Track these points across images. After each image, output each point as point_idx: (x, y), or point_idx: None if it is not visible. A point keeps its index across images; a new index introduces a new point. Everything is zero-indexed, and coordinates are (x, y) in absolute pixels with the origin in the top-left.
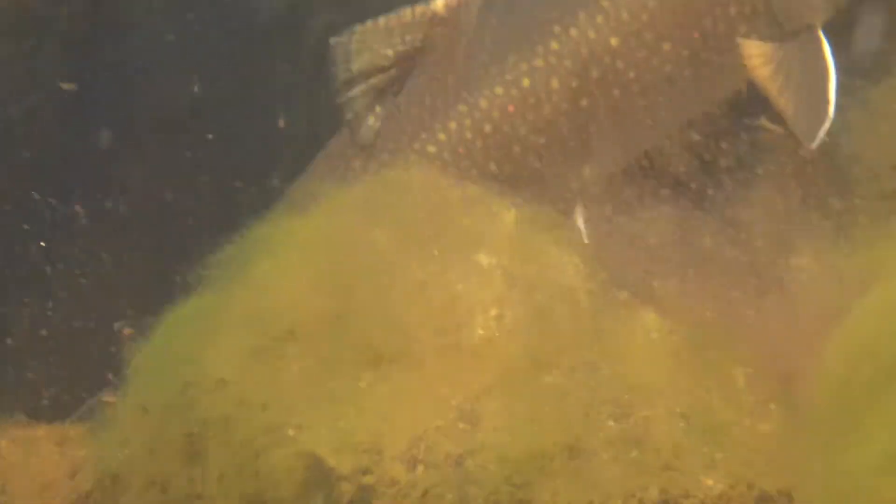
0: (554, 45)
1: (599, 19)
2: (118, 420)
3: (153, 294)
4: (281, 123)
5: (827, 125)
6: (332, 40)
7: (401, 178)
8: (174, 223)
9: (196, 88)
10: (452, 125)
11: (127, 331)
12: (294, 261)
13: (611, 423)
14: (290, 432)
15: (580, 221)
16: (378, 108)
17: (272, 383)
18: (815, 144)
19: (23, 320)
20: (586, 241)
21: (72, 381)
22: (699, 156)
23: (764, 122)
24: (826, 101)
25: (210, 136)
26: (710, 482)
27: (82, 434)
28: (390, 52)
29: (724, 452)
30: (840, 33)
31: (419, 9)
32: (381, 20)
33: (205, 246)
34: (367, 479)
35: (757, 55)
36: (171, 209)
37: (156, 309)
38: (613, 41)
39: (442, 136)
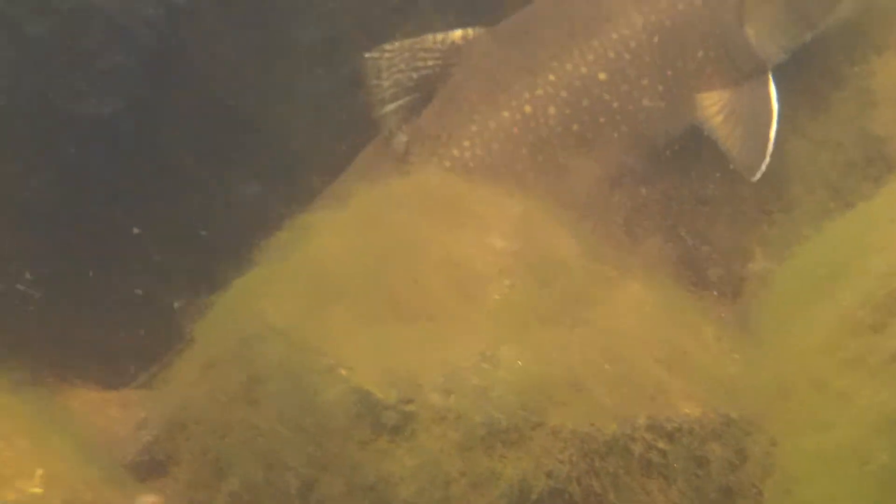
0: (552, 77)
1: (590, 57)
2: (181, 377)
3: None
4: (320, 132)
5: (766, 164)
6: (366, 55)
7: (424, 180)
8: (232, 215)
9: (253, 101)
10: (466, 143)
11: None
12: (337, 239)
13: (606, 365)
14: (343, 372)
15: None
16: (406, 125)
17: (324, 333)
18: (755, 178)
19: (100, 292)
20: None
21: (136, 350)
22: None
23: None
24: (766, 143)
25: (257, 145)
26: (687, 410)
27: (144, 397)
28: (414, 75)
29: (698, 388)
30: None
31: (440, 36)
32: (407, 42)
33: (259, 232)
34: (410, 407)
35: (711, 104)
36: (232, 202)
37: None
38: (602, 76)
39: (455, 152)
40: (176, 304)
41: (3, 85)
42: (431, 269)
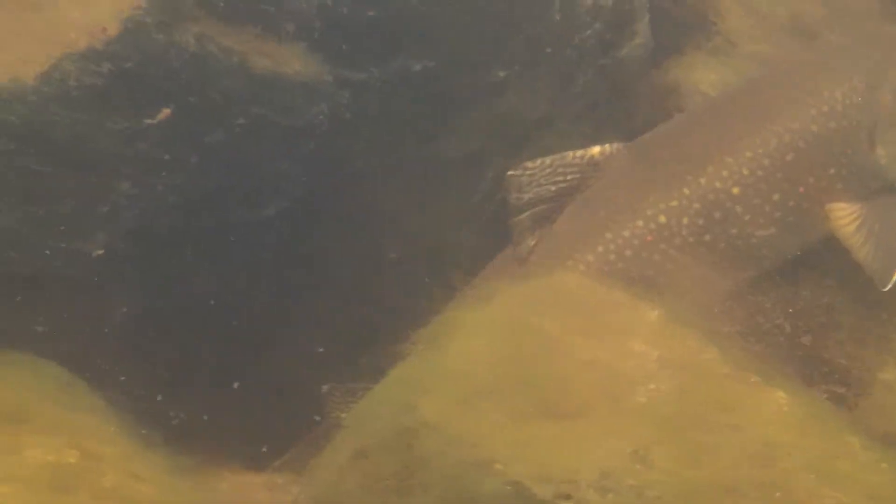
0: (686, 191)
1: (724, 173)
2: (330, 463)
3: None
4: (463, 235)
5: None
6: (509, 173)
7: (562, 282)
8: (379, 309)
9: (402, 206)
10: (600, 248)
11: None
12: (484, 338)
13: (756, 471)
14: (498, 466)
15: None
16: (538, 231)
17: (477, 429)
18: (887, 288)
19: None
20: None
21: (278, 429)
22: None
23: None
24: None
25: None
26: None
27: (289, 481)
28: (553, 188)
29: (848, 496)
30: None
31: (579, 152)
32: (548, 159)
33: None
34: (567, 503)
35: (843, 214)
36: (380, 297)
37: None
38: (735, 190)
39: (590, 258)
40: (324, 388)
41: (181, 185)
42: (576, 370)
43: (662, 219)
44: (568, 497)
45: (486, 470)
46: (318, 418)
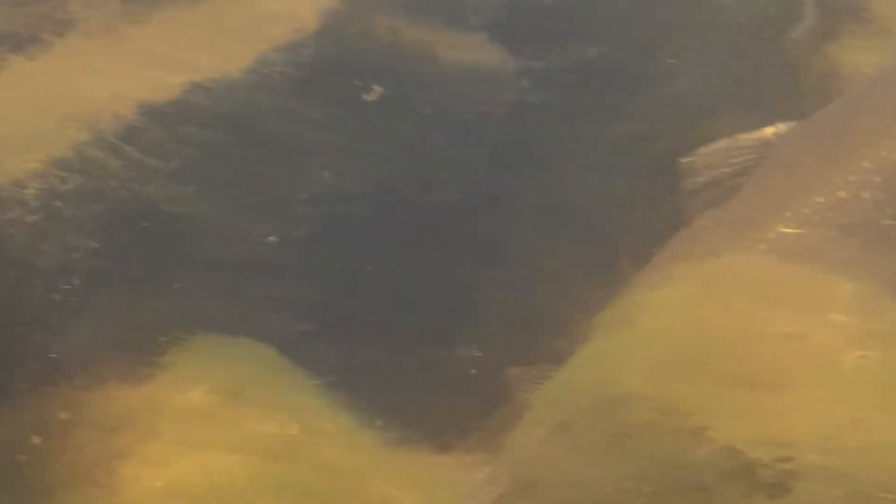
0: (866, 164)
1: None
2: (527, 440)
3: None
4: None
5: None
6: (682, 160)
7: (741, 261)
8: (554, 294)
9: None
10: (780, 227)
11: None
12: (678, 314)
13: None
14: (711, 433)
15: None
16: (713, 213)
17: (685, 398)
18: None
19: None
20: None
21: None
22: None
23: None
24: None
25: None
26: None
27: (480, 460)
28: (727, 170)
29: None
30: None
31: (753, 134)
32: (722, 143)
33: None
34: (787, 466)
35: None
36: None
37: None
38: None
39: (771, 236)
40: (509, 371)
41: (374, 174)
42: (777, 342)
43: (842, 194)
44: (788, 459)
45: (698, 437)
46: (502, 401)
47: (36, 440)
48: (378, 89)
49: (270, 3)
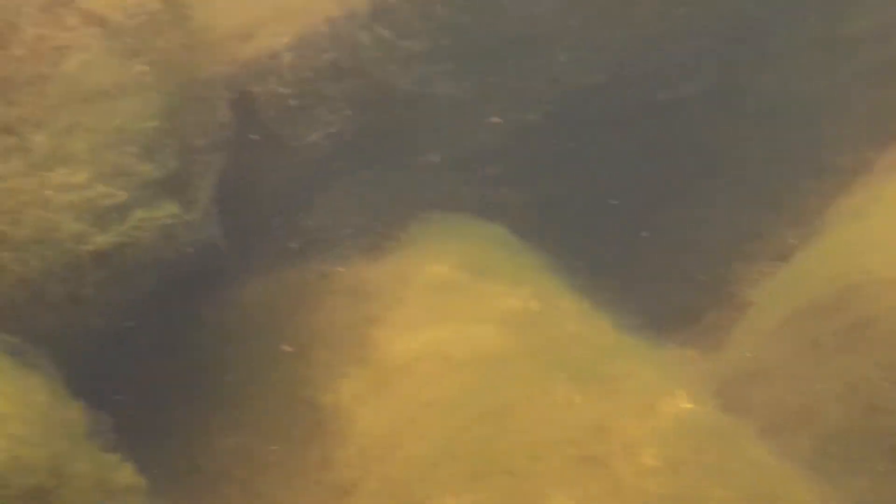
0: None
1: None
2: (752, 334)
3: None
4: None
5: None
6: None
7: None
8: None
9: None
10: None
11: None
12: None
13: None
14: None
15: None
16: None
17: None
18: None
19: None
20: None
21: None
22: None
23: None
24: None
25: None
26: None
27: (697, 355)
28: None
29: None
30: None
31: None
32: None
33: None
34: None
35: None
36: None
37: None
38: None
39: None
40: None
41: (608, 63)
42: None
43: None
44: None
45: None
46: (729, 294)
47: (290, 303)
48: None
49: None
